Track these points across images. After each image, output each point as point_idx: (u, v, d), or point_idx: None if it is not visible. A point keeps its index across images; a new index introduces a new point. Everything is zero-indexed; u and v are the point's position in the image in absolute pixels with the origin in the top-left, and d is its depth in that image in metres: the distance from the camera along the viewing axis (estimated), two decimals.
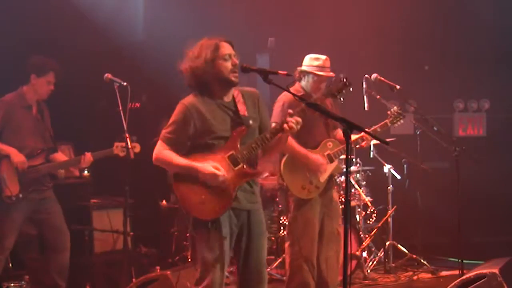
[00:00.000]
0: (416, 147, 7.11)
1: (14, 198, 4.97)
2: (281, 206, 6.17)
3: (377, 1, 7.72)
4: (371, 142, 5.99)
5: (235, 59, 3.73)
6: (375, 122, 5.17)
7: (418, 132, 6.97)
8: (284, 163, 4.83)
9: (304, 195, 4.81)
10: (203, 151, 3.71)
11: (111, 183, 6.34)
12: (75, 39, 6.45)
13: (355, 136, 4.95)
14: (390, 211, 6.76)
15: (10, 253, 5.18)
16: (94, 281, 5.90)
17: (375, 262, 6.74)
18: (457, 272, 5.44)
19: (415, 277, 6.54)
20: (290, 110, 3.74)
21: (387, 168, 6.88)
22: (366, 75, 5.53)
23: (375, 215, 6.81)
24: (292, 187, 4.81)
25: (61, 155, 5.34)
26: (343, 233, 3.38)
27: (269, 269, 6.22)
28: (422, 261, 6.73)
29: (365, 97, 5.49)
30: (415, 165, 7.06)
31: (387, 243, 6.75)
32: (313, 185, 4.81)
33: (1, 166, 4.99)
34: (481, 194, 7.54)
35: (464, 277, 4.64)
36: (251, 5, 7.55)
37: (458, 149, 5.48)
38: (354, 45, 7.55)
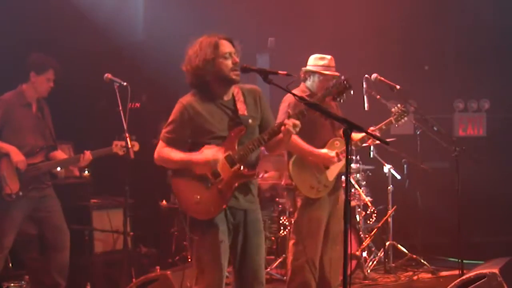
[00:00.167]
0: (416, 147, 7.11)
1: (14, 196, 4.97)
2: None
3: (377, 1, 7.72)
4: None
5: (235, 57, 3.69)
6: (375, 122, 5.17)
7: (418, 132, 6.97)
8: (293, 163, 4.84)
9: (313, 194, 4.82)
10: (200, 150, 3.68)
11: (111, 183, 6.34)
12: (75, 39, 6.45)
13: (360, 135, 4.95)
14: (390, 211, 6.76)
15: (10, 252, 5.18)
16: (94, 281, 5.90)
17: (375, 262, 6.74)
18: (457, 272, 5.44)
19: (415, 277, 6.55)
20: (289, 110, 3.72)
21: (387, 168, 6.88)
22: (366, 75, 5.53)
23: (375, 215, 6.81)
24: (301, 186, 4.83)
25: (61, 153, 5.33)
26: (351, 234, 3.39)
27: (269, 269, 6.22)
28: (422, 261, 6.73)
29: (365, 97, 5.49)
30: (415, 165, 7.06)
31: (387, 243, 6.76)
32: (321, 184, 4.83)
33: (1, 164, 4.99)
34: (481, 194, 7.53)
35: (464, 277, 4.64)
36: (251, 5, 7.55)
37: (458, 149, 5.49)
38: (354, 45, 7.55)
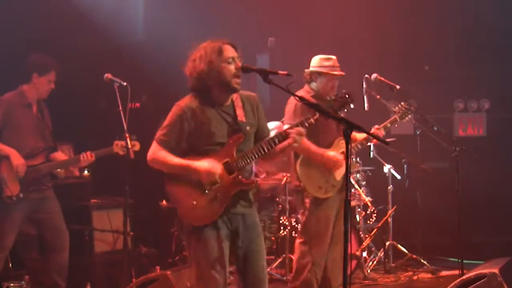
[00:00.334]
0: (416, 147, 7.11)
1: (15, 198, 4.96)
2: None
3: (377, 1, 7.71)
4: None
5: (238, 62, 3.65)
6: (375, 122, 5.18)
7: (418, 132, 6.98)
8: (300, 164, 4.86)
9: (322, 194, 4.84)
10: (197, 156, 3.63)
11: (111, 183, 6.33)
12: (75, 39, 6.44)
13: (364, 134, 4.95)
14: (390, 211, 6.76)
15: (10, 253, 5.18)
16: (94, 281, 5.90)
17: (375, 262, 6.74)
18: (457, 272, 5.45)
19: (415, 277, 6.54)
20: (296, 115, 3.68)
21: (387, 168, 6.87)
22: (366, 75, 5.53)
23: (375, 215, 6.80)
24: (309, 187, 4.84)
25: (61, 154, 5.32)
26: (351, 234, 3.40)
27: (269, 269, 6.22)
28: (422, 261, 6.73)
29: (365, 97, 5.49)
30: (415, 165, 7.06)
31: (387, 243, 6.75)
32: (330, 184, 4.84)
33: (1, 167, 4.99)
34: (481, 194, 7.53)
35: (464, 277, 4.64)
36: (251, 5, 7.54)
37: (458, 149, 5.49)
38: (354, 45, 7.55)
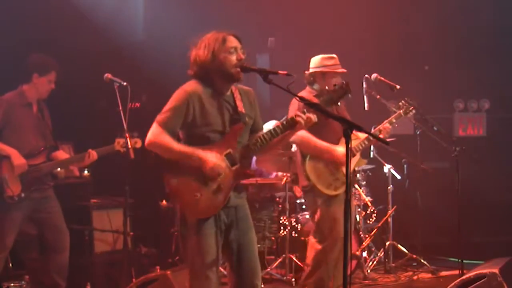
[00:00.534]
0: (416, 147, 7.12)
1: (16, 198, 4.95)
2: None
3: (377, 1, 7.72)
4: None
5: (241, 54, 3.65)
6: (375, 122, 5.17)
7: (418, 132, 6.98)
8: (308, 163, 4.87)
9: (332, 191, 4.86)
10: (198, 143, 3.61)
11: (111, 183, 6.33)
12: (75, 39, 6.44)
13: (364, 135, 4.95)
14: (390, 211, 6.76)
15: (10, 252, 5.17)
16: (94, 281, 5.89)
17: (375, 262, 6.74)
18: (457, 272, 5.45)
19: (415, 277, 6.54)
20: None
21: (387, 168, 6.87)
22: (366, 75, 5.53)
23: (375, 215, 6.80)
24: (319, 185, 4.86)
25: (63, 153, 5.31)
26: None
27: (269, 269, 6.22)
28: (422, 261, 6.72)
29: (365, 97, 5.50)
30: (415, 165, 7.06)
31: (387, 243, 6.75)
32: (339, 180, 4.87)
33: (2, 167, 4.99)
34: (481, 194, 7.54)
35: (464, 277, 4.64)
36: (251, 5, 7.55)
37: (458, 149, 5.50)
38: (354, 45, 7.55)
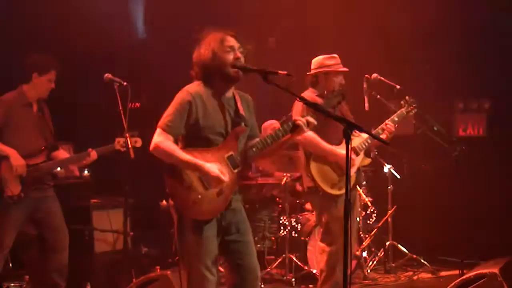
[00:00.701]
0: (416, 147, 7.11)
1: (16, 198, 4.95)
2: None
3: (378, 1, 7.71)
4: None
5: (238, 53, 3.62)
6: (375, 122, 5.17)
7: (418, 132, 6.97)
8: (312, 164, 4.86)
9: (336, 191, 4.85)
10: (200, 146, 3.59)
11: (111, 183, 6.33)
12: (75, 39, 6.45)
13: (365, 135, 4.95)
14: (390, 211, 6.76)
15: (10, 253, 5.17)
16: (94, 281, 5.90)
17: (375, 262, 6.75)
18: (457, 272, 5.45)
19: (415, 277, 6.55)
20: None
21: (387, 168, 6.87)
22: (366, 75, 5.53)
23: (375, 215, 6.81)
24: (324, 185, 4.86)
25: (63, 153, 5.30)
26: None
27: (269, 269, 6.22)
28: (422, 261, 6.72)
29: (365, 97, 5.49)
30: (415, 165, 7.06)
31: (387, 243, 6.76)
32: (344, 180, 4.82)
33: (1, 167, 4.98)
34: (481, 194, 7.53)
35: (464, 277, 4.65)
36: (251, 4, 7.55)
37: (458, 149, 5.49)
38: (354, 45, 7.55)
